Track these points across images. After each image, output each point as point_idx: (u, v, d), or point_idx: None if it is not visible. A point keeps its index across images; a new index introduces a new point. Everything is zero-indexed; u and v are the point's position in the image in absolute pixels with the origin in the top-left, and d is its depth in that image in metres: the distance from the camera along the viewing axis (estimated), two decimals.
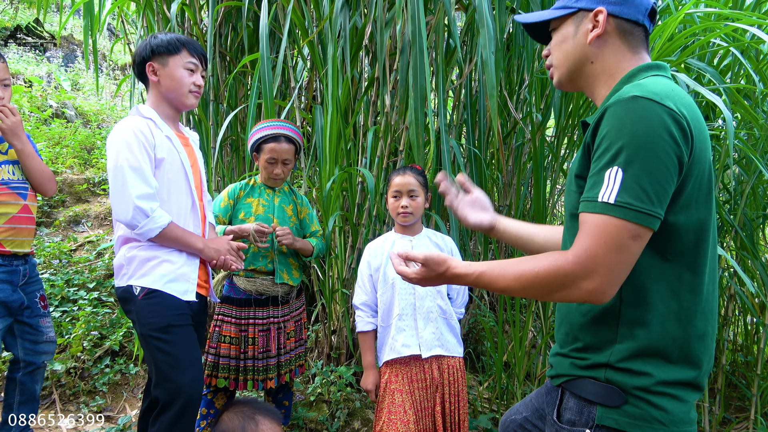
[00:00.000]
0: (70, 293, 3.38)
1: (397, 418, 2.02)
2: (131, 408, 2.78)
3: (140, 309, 1.81)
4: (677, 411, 1.01)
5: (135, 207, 1.73)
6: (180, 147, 1.95)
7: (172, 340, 1.79)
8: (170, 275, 1.84)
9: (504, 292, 1.09)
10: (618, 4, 1.12)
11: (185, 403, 1.76)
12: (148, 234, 1.78)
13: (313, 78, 3.45)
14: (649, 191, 0.93)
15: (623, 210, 0.93)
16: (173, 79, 1.90)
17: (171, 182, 1.89)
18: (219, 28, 3.52)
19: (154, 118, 1.91)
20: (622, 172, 0.93)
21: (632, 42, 1.14)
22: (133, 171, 1.76)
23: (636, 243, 0.94)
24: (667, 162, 0.94)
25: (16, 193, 2.04)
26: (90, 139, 5.59)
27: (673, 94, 0.98)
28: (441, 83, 2.74)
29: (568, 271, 0.97)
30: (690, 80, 2.11)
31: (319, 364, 2.98)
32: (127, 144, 1.78)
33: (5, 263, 2.00)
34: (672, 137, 0.94)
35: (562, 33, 1.20)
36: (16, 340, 2.11)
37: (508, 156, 3.41)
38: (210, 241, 1.97)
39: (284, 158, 2.32)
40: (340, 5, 2.67)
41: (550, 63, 1.25)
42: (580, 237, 0.98)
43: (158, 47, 1.89)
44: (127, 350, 3.11)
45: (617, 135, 0.96)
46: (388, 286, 2.15)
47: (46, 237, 4.08)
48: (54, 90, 6.80)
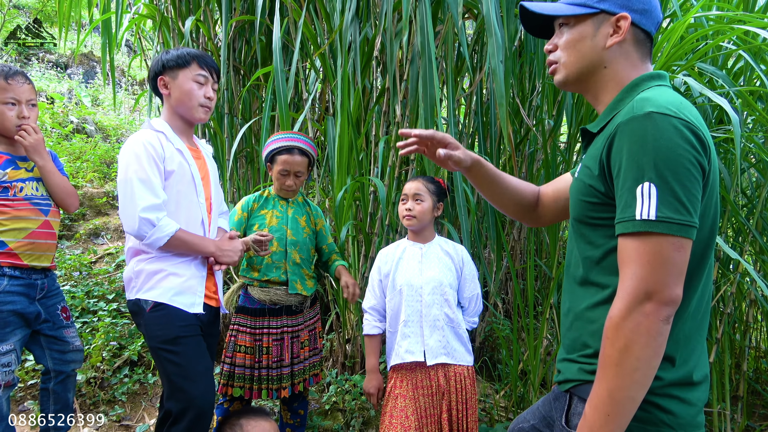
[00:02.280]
0: (90, 304, 3.44)
1: (398, 422, 2.03)
2: (149, 417, 2.81)
3: (148, 322, 1.83)
4: (685, 414, 1.01)
5: (140, 218, 1.76)
6: (191, 160, 1.98)
7: (181, 352, 1.80)
8: (176, 288, 1.86)
9: (617, 392, 0.96)
10: (640, 13, 1.12)
11: (197, 414, 1.76)
12: (157, 243, 1.80)
13: (325, 89, 3.49)
14: (685, 202, 0.94)
15: (665, 225, 0.93)
16: (182, 91, 1.93)
17: (180, 194, 1.91)
18: (233, 42, 3.58)
19: (165, 131, 1.94)
20: (656, 187, 0.93)
21: (643, 52, 1.15)
22: (141, 183, 1.79)
23: (680, 254, 0.94)
24: (695, 172, 0.95)
25: (37, 209, 2.09)
26: (109, 153, 5.71)
27: (682, 106, 0.99)
28: (451, 92, 2.75)
29: (633, 306, 0.94)
30: (697, 83, 2.10)
31: (333, 372, 2.99)
32: (137, 157, 1.81)
33: (23, 276, 2.05)
34: (693, 147, 0.95)
35: (578, 31, 1.16)
36: (44, 351, 2.17)
37: (521, 163, 3.41)
38: (222, 243, 1.99)
39: (297, 170, 2.35)
40: (350, 18, 2.71)
41: (556, 59, 1.21)
42: (626, 265, 0.97)
43: (168, 61, 1.93)
44: (146, 360, 3.16)
45: (640, 152, 0.95)
46: (396, 292, 2.17)
47: (67, 250, 4.17)
48: (75, 106, 6.97)
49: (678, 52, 2.31)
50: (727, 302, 2.73)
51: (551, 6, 1.21)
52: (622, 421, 0.96)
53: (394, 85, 2.75)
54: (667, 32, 2.31)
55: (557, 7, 1.19)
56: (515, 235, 3.58)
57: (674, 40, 2.24)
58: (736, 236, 3.25)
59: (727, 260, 2.94)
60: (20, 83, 2.06)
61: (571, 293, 1.18)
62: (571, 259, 1.20)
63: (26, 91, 2.08)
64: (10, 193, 2.04)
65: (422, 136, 1.35)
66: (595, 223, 1.09)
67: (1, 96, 2.03)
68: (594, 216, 1.09)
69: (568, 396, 1.14)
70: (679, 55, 2.37)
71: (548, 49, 1.24)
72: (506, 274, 3.87)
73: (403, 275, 2.18)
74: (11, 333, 2.01)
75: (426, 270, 2.17)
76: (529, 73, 3.28)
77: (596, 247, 1.09)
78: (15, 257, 2.02)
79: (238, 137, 3.10)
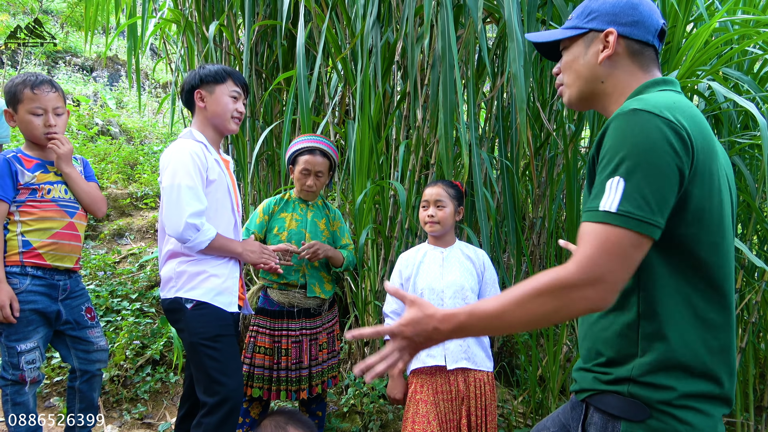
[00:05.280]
0: (114, 304, 3.50)
1: (421, 428, 2.03)
2: (171, 416, 2.85)
3: (190, 319, 1.94)
4: (702, 425, 1.00)
5: (187, 223, 1.86)
6: (225, 170, 2.10)
7: (221, 348, 1.93)
8: (217, 289, 1.98)
9: (503, 326, 1.04)
10: (629, 26, 1.14)
11: (231, 408, 1.89)
12: (199, 246, 1.91)
13: (346, 93, 3.52)
14: (650, 200, 0.94)
15: (624, 219, 0.94)
16: (219, 105, 2.04)
17: (218, 202, 2.03)
18: (255, 46, 3.63)
19: (205, 142, 2.05)
20: (624, 181, 0.95)
21: (643, 61, 1.15)
22: (189, 190, 1.90)
23: (637, 251, 0.95)
24: (668, 172, 0.95)
25: (63, 211, 2.15)
26: (133, 155, 5.81)
27: (674, 107, 0.99)
28: (472, 96, 2.75)
29: (573, 280, 0.95)
30: (721, 87, 2.07)
31: (352, 375, 3.00)
32: (184, 164, 1.92)
33: (45, 276, 2.10)
34: (672, 147, 0.95)
35: (572, 52, 1.21)
36: (70, 351, 2.23)
37: (541, 167, 3.39)
38: (246, 244, 2.12)
39: (317, 170, 2.37)
40: (372, 22, 2.73)
41: (561, 82, 1.26)
42: (582, 246, 0.98)
43: (206, 76, 2.04)
44: (168, 359, 3.21)
45: (618, 147, 0.97)
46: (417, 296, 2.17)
47: (92, 250, 4.25)
48: (100, 108, 7.10)
49: (702, 57, 2.28)
50: (752, 311, 2.68)
51: (548, 33, 1.27)
52: (479, 333, 1.08)
53: (415, 90, 2.76)
54: (692, 37, 2.29)
55: (553, 33, 1.26)
56: (535, 240, 3.56)
57: (698, 45, 2.21)
58: (761, 244, 3.19)
59: (752, 268, 2.89)
60: (46, 92, 2.11)
61: None
62: None
63: (52, 99, 2.13)
64: (37, 195, 2.10)
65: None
66: None
67: (28, 106, 2.09)
68: None
69: (584, 405, 1.13)
70: (704, 60, 2.34)
71: (554, 72, 1.29)
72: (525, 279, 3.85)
73: (424, 279, 2.18)
74: (34, 331, 2.07)
75: (447, 274, 2.18)
76: (549, 77, 3.26)
77: None
78: (39, 257, 2.08)
79: (259, 140, 3.14)
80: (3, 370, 2.06)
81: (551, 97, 3.33)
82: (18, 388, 2.05)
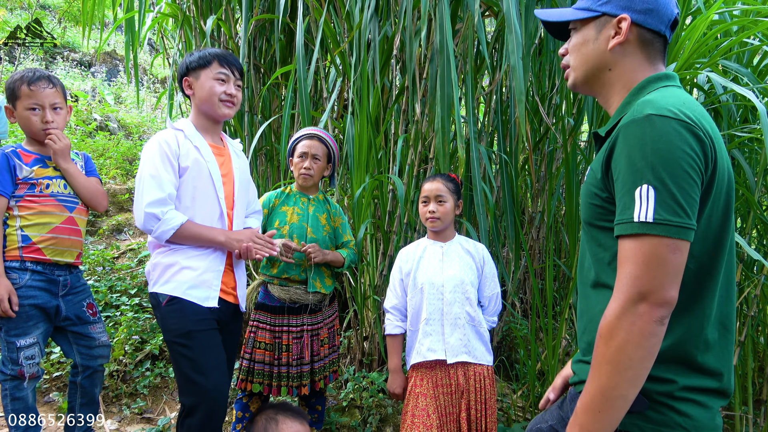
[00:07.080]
0: (113, 299, 3.51)
1: (420, 421, 2.04)
2: (170, 410, 2.86)
3: (164, 316, 1.88)
4: (701, 417, 1.01)
5: (146, 213, 1.82)
6: (210, 157, 2.00)
7: (194, 346, 1.82)
8: (190, 282, 1.89)
9: (609, 396, 0.97)
10: (643, 13, 1.11)
11: (211, 408, 1.79)
12: (164, 236, 1.85)
13: (344, 87, 3.51)
14: (683, 205, 0.94)
15: (662, 227, 0.93)
16: (204, 89, 1.99)
17: (197, 190, 1.95)
18: (253, 41, 3.61)
19: (185, 129, 1.99)
20: (654, 189, 0.94)
21: (651, 52, 1.14)
22: (151, 179, 1.85)
23: (677, 256, 0.94)
24: (693, 174, 0.95)
25: (62, 205, 2.14)
26: (131, 150, 5.80)
27: (684, 107, 0.99)
28: (470, 90, 2.74)
29: (627, 306, 0.95)
30: (720, 78, 2.06)
31: (351, 370, 3.01)
32: (150, 154, 1.89)
33: (45, 271, 2.10)
34: (692, 149, 0.95)
35: (582, 35, 1.19)
36: (72, 346, 2.23)
37: (540, 162, 3.39)
38: (233, 233, 2.00)
39: (314, 153, 2.38)
40: (370, 16, 2.72)
41: (567, 63, 1.24)
42: (623, 266, 0.97)
43: (191, 63, 2.01)
44: (166, 354, 3.21)
45: (639, 154, 0.96)
46: (417, 291, 2.18)
47: (91, 245, 4.25)
48: (98, 104, 7.09)
49: (701, 49, 2.27)
50: (751, 304, 2.68)
51: (558, 12, 1.25)
52: (612, 419, 0.97)
53: (414, 84, 2.75)
54: (689, 28, 2.28)
55: (564, 12, 1.23)
56: (534, 235, 3.56)
57: (696, 37, 2.20)
58: (760, 238, 3.19)
59: (750, 262, 2.89)
60: (42, 88, 2.10)
61: (585, 296, 1.19)
62: (584, 262, 1.20)
63: (49, 95, 2.12)
64: (36, 190, 2.10)
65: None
66: (604, 226, 1.10)
67: (25, 102, 2.09)
68: (602, 219, 1.10)
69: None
70: (702, 52, 2.33)
71: (561, 52, 1.27)
72: (524, 273, 3.85)
73: (425, 273, 2.18)
74: (34, 326, 2.07)
75: (447, 268, 2.18)
76: (549, 71, 3.25)
77: (606, 249, 1.10)
78: (38, 252, 2.07)
79: (257, 135, 3.13)
80: (2, 365, 2.06)
81: (550, 91, 3.32)
82: (17, 384, 2.05)
